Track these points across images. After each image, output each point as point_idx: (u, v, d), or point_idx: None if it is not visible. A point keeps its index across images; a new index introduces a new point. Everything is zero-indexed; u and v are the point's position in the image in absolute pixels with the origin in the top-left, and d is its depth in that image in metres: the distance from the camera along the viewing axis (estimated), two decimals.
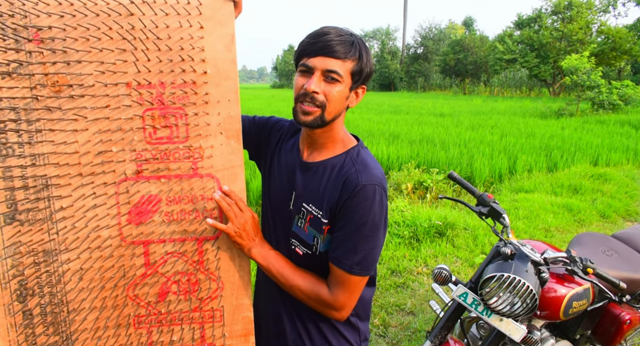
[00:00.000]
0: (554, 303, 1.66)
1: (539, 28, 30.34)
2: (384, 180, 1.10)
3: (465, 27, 49.21)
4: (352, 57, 1.05)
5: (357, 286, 1.09)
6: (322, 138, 1.14)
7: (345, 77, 1.05)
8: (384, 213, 1.08)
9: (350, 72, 1.06)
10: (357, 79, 1.08)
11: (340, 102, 1.08)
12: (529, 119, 13.09)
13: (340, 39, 1.04)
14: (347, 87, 1.07)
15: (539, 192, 5.78)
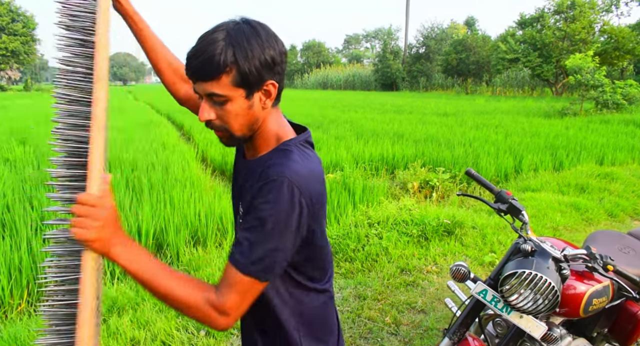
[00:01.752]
0: (574, 300, 1.66)
1: (541, 27, 30.28)
2: (309, 179, 0.94)
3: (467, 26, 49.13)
4: (224, 71, 0.90)
5: (250, 291, 0.92)
6: (255, 141, 1.03)
7: (230, 92, 0.92)
8: (295, 213, 0.91)
9: (233, 84, 0.91)
10: (248, 83, 0.92)
11: (243, 116, 0.95)
12: (532, 119, 13.07)
13: (203, 58, 0.89)
14: (241, 99, 0.93)
15: (546, 191, 5.77)
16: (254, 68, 0.91)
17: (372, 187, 5.37)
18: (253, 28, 0.92)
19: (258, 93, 0.95)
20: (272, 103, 0.99)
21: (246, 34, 0.91)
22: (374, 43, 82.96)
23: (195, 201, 4.58)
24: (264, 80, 0.94)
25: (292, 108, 17.73)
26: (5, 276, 3.18)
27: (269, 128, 1.02)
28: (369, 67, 50.55)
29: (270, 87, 0.96)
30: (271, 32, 0.95)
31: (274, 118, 1.03)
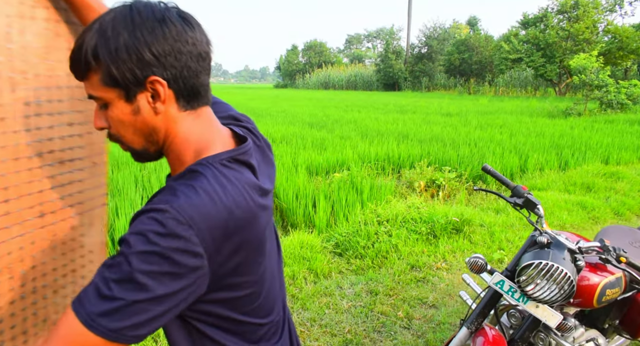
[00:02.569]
0: (588, 291, 1.71)
1: (545, 27, 30.32)
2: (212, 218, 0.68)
3: (469, 26, 49.19)
4: (89, 68, 0.72)
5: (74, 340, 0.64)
6: (167, 158, 0.81)
7: (103, 93, 0.74)
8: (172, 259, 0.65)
9: (103, 83, 0.73)
10: (120, 82, 0.72)
11: (130, 123, 0.75)
12: (536, 119, 13.11)
13: (72, 53, 0.74)
14: (119, 102, 0.74)
15: (552, 190, 5.82)
16: (124, 62, 0.70)
17: (379, 186, 5.42)
18: (134, 11, 0.72)
19: (143, 94, 0.74)
20: (175, 105, 0.76)
21: (118, 21, 0.71)
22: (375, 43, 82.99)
23: None
24: (143, 77, 0.72)
25: (295, 109, 17.80)
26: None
27: (181, 143, 0.78)
28: (371, 67, 50.64)
29: (157, 86, 0.73)
30: (159, 16, 0.72)
31: (191, 126, 0.78)
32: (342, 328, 2.82)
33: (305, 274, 3.50)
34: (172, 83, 0.74)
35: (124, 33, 0.70)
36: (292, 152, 7.52)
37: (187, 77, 0.75)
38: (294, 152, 7.52)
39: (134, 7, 0.73)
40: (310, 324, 2.87)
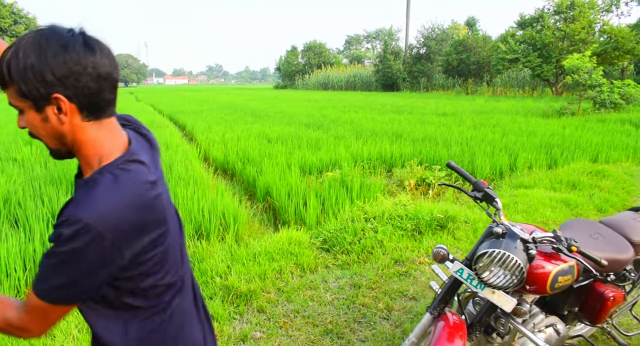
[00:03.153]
0: (541, 278, 1.84)
1: (541, 28, 30.45)
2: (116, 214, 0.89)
3: (468, 27, 49.31)
4: (8, 83, 0.89)
5: (46, 312, 0.94)
6: (78, 160, 0.99)
7: (18, 103, 0.91)
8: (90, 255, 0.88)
9: (18, 95, 0.89)
10: (29, 96, 0.89)
11: (41, 128, 0.92)
12: (530, 118, 13.23)
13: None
14: (31, 111, 0.91)
15: (538, 187, 5.95)
16: (30, 81, 0.87)
17: (369, 184, 5.55)
18: (42, 38, 0.88)
19: (50, 107, 0.90)
20: (79, 117, 0.92)
21: (29, 44, 0.87)
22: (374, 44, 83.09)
23: (199, 198, 4.77)
24: (47, 94, 0.88)
25: (293, 109, 17.92)
26: (21, 267, 3.38)
27: (87, 148, 0.95)
28: (369, 68, 50.77)
29: (60, 102, 0.89)
30: (63, 41, 0.88)
31: (96, 135, 0.95)
32: (324, 319, 2.95)
33: (292, 269, 3.63)
34: (74, 99, 0.90)
35: (31, 56, 0.86)
36: (287, 152, 7.64)
37: (87, 94, 0.91)
38: (289, 152, 7.65)
39: (44, 33, 0.89)
40: (294, 315, 3.00)
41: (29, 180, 5.59)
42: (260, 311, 3.05)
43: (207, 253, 3.83)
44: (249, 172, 6.31)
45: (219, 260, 3.67)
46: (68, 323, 2.77)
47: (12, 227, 4.03)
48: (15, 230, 3.90)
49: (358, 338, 2.75)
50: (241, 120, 13.47)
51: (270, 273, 3.50)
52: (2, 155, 7.33)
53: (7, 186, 5.09)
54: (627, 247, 2.22)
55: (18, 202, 4.60)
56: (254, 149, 7.82)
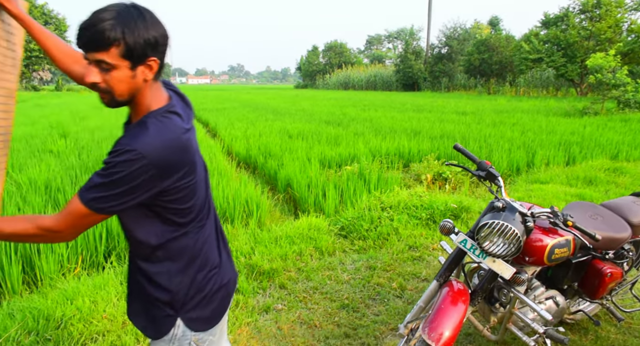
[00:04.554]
0: (539, 250, 2.02)
1: (566, 27, 29.98)
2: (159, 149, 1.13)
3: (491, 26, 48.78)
4: (112, 44, 1.08)
5: (78, 213, 1.14)
6: (131, 109, 1.25)
7: (117, 62, 1.10)
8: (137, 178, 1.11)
9: (120, 56, 1.09)
10: (133, 57, 1.11)
11: (125, 83, 1.13)
12: (551, 117, 13.17)
13: (94, 31, 1.07)
14: (126, 69, 1.12)
15: (554, 183, 6.04)
16: (138, 45, 1.09)
17: (386, 177, 5.74)
18: (140, 12, 1.11)
19: (141, 66, 1.14)
20: (152, 77, 1.18)
21: (134, 16, 1.09)
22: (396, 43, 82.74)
23: (223, 187, 5.04)
24: (147, 56, 1.13)
25: (314, 108, 18.17)
26: (63, 246, 3.69)
27: (144, 99, 1.20)
28: (390, 68, 50.69)
29: (152, 63, 1.15)
30: (155, 18, 1.14)
31: (151, 91, 1.21)
32: (341, 296, 3.16)
33: (312, 251, 3.86)
34: (160, 62, 1.18)
35: (141, 25, 1.10)
36: (307, 147, 7.88)
37: (162, 59, 1.19)
38: (309, 147, 7.88)
39: (142, 9, 1.13)
40: (313, 291, 3.22)
41: (65, 168, 5.96)
42: (282, 287, 3.28)
43: (232, 236, 4.08)
44: (271, 166, 6.56)
45: (243, 242, 3.92)
46: (109, 293, 3.06)
47: (55, 209, 4.35)
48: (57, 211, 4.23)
49: (372, 313, 2.95)
50: (262, 118, 13.77)
51: (290, 255, 3.73)
52: (40, 147, 7.77)
53: (47, 174, 5.45)
54: (625, 227, 2.37)
55: (58, 187, 4.95)
56: (275, 144, 8.08)
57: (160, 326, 1.34)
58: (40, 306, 2.82)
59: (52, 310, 2.81)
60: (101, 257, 3.87)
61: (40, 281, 3.44)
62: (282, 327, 2.77)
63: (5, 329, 2.62)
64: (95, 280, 3.31)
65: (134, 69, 1.13)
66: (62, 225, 1.17)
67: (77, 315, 2.77)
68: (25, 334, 2.59)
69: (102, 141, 8.35)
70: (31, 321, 2.67)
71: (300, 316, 2.91)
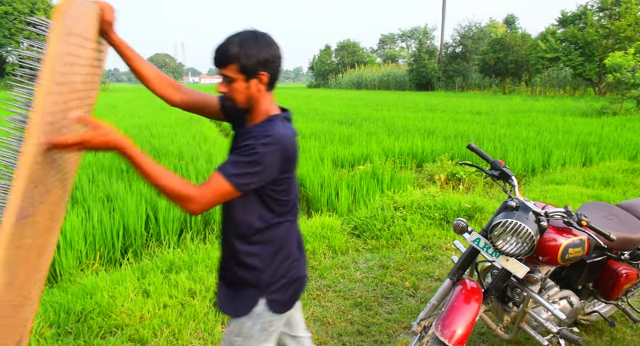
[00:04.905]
0: (552, 250, 2.02)
1: (584, 25, 29.54)
2: (286, 139, 1.37)
3: (506, 25, 48.28)
4: (232, 62, 1.37)
5: (223, 193, 1.33)
6: (251, 114, 1.48)
7: (235, 76, 1.38)
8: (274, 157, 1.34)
9: (237, 71, 1.37)
10: (247, 71, 1.37)
11: (242, 93, 1.40)
12: (568, 117, 13.00)
13: (220, 53, 1.38)
14: (242, 81, 1.39)
15: (570, 184, 5.97)
16: (250, 63, 1.36)
17: (399, 177, 5.74)
18: (256, 36, 1.39)
19: (254, 79, 1.39)
20: (265, 88, 1.42)
21: (250, 40, 1.37)
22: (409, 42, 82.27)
23: None
24: (257, 71, 1.38)
25: (326, 107, 18.19)
26: (82, 241, 3.77)
27: (262, 106, 1.45)
28: (403, 67, 50.47)
29: (263, 77, 1.39)
30: (268, 41, 1.40)
31: (267, 100, 1.46)
32: (354, 294, 3.19)
33: (325, 250, 3.89)
34: (270, 77, 1.41)
35: (253, 47, 1.37)
36: (320, 146, 7.91)
37: (274, 74, 1.43)
38: (322, 146, 7.91)
39: (257, 33, 1.41)
40: (326, 290, 3.25)
41: (82, 167, 6.07)
42: None
43: None
44: None
45: None
46: (126, 288, 3.12)
47: (73, 206, 4.45)
48: (76, 208, 4.32)
49: (385, 311, 2.97)
50: None
51: None
52: None
53: None
54: None
55: (75, 185, 5.05)
56: None
57: (243, 304, 1.50)
58: (61, 300, 2.90)
59: (72, 304, 2.88)
60: (118, 254, 3.95)
61: (60, 277, 3.52)
62: None
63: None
64: (113, 275, 3.39)
65: (247, 81, 1.39)
66: (203, 198, 1.31)
67: (97, 309, 2.85)
68: (47, 327, 2.66)
69: None
70: (52, 315, 2.75)
71: (313, 313, 2.94)
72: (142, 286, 3.21)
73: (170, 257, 3.70)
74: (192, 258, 3.66)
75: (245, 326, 1.51)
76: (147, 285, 3.22)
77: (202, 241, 4.23)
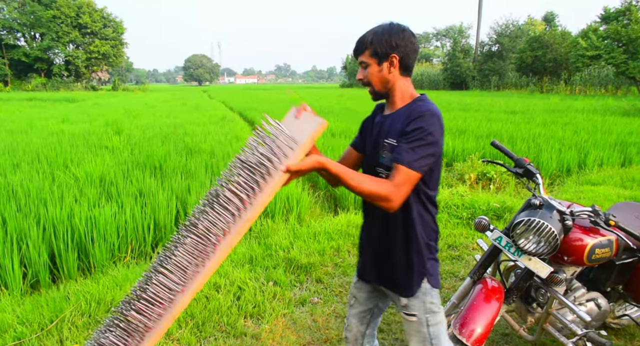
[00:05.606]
0: (578, 250, 1.96)
1: (628, 22, 28.25)
2: (440, 116, 1.43)
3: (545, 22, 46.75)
4: (366, 48, 1.49)
5: (412, 181, 1.38)
6: (391, 99, 1.54)
7: (369, 61, 1.49)
8: (440, 134, 1.41)
9: (370, 55, 1.49)
10: (378, 56, 1.48)
11: (377, 76, 1.49)
12: (608, 117, 12.48)
13: (358, 41, 1.53)
14: (375, 65, 1.49)
15: (607, 184, 5.75)
16: (381, 47, 1.47)
17: None
18: (390, 25, 1.50)
19: (385, 62, 1.48)
20: (398, 72, 1.49)
21: (383, 28, 1.49)
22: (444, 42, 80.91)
23: None
24: (389, 54, 1.47)
25: (358, 107, 18.13)
26: (115, 234, 3.92)
27: (404, 90, 1.52)
28: (438, 66, 49.70)
29: (393, 59, 1.47)
30: (402, 28, 1.49)
31: (406, 84, 1.53)
32: None
33: (349, 248, 3.89)
34: (401, 60, 1.48)
35: (385, 34, 1.47)
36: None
37: (406, 57, 1.49)
38: None
39: (392, 23, 1.51)
40: (348, 286, 3.25)
41: (117, 163, 6.30)
42: (319, 281, 3.34)
43: (272, 230, 4.19)
44: None
45: (283, 237, 4.01)
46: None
47: (107, 201, 4.62)
48: (110, 203, 4.49)
49: None
50: None
51: (328, 250, 3.78)
52: (96, 143, 8.23)
53: (102, 167, 5.79)
54: None
55: (111, 181, 5.25)
56: (317, 142, 8.15)
57: (414, 282, 1.56)
58: (93, 291, 3.02)
59: (103, 294, 3.00)
60: (149, 248, 4.08)
61: (93, 268, 3.67)
62: (317, 319, 2.83)
63: (61, 310, 2.82)
64: (143, 268, 3.50)
65: (380, 64, 1.49)
66: (399, 195, 1.36)
67: None
68: (79, 315, 2.78)
69: (152, 138, 8.74)
70: (84, 304, 2.87)
71: (335, 310, 2.95)
72: None
73: None
74: None
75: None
76: None
77: None
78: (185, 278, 1.35)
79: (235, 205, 1.33)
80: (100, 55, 50.72)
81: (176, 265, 1.37)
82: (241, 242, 4.05)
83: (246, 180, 1.34)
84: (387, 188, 1.35)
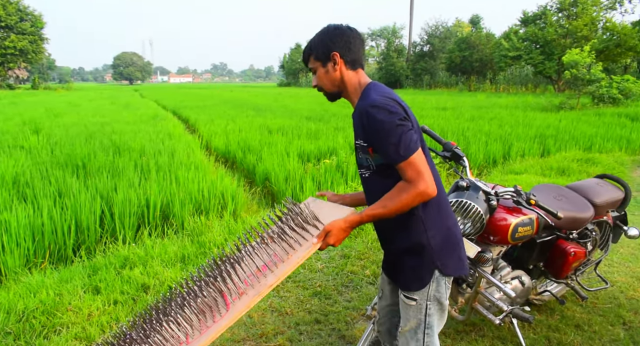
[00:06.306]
0: (503, 229, 2.02)
1: (544, 25, 30.51)
2: (383, 98, 1.40)
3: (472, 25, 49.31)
4: (309, 55, 1.54)
5: (416, 163, 1.37)
6: (346, 95, 1.55)
7: (315, 65, 1.53)
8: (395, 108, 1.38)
9: (314, 60, 1.53)
10: (320, 59, 1.51)
11: (326, 77, 1.53)
12: (529, 112, 13.36)
13: (303, 51, 1.58)
14: (321, 68, 1.52)
15: (529, 173, 6.12)
16: (320, 49, 1.50)
17: None
18: (326, 28, 1.53)
19: (329, 63, 1.50)
20: (344, 67, 1.50)
21: (320, 32, 1.53)
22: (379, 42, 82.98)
23: (200, 180, 4.98)
24: (328, 53, 1.49)
25: (296, 105, 18.13)
26: (30, 238, 3.59)
27: (353, 82, 1.52)
28: (373, 65, 50.86)
29: (335, 57, 1.49)
30: (336, 26, 1.52)
31: (357, 76, 1.53)
32: (314, 283, 3.14)
33: None
34: (342, 55, 1.49)
35: (321, 36, 1.51)
36: (286, 141, 7.84)
37: (349, 52, 1.49)
38: (288, 141, 7.85)
39: (329, 24, 1.54)
40: (285, 280, 3.19)
41: (35, 164, 5.81)
42: None
43: (206, 228, 4.03)
44: (249, 160, 6.51)
45: (217, 234, 3.87)
46: (75, 286, 2.98)
47: (21, 203, 4.23)
48: (24, 205, 4.11)
49: (344, 299, 2.94)
50: (243, 114, 13.68)
51: None
52: (10, 143, 7.57)
53: (15, 168, 5.31)
54: (588, 207, 2.40)
55: (26, 182, 4.82)
56: (254, 139, 8.02)
57: (423, 275, 1.51)
58: (1, 300, 2.74)
59: (13, 303, 2.72)
60: (70, 251, 3.78)
61: (4, 276, 3.34)
62: (252, 315, 2.74)
63: None
64: (62, 273, 3.23)
65: (324, 66, 1.51)
66: (425, 180, 1.36)
67: (40, 308, 2.70)
68: None
69: (76, 137, 8.18)
70: None
71: (271, 304, 2.88)
72: (92, 283, 3.07)
73: (125, 252, 3.56)
74: (148, 254, 3.54)
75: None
76: (98, 281, 3.09)
77: (160, 236, 4.11)
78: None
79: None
80: (17, 51, 46.83)
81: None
82: (172, 240, 3.86)
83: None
84: (409, 189, 1.36)
